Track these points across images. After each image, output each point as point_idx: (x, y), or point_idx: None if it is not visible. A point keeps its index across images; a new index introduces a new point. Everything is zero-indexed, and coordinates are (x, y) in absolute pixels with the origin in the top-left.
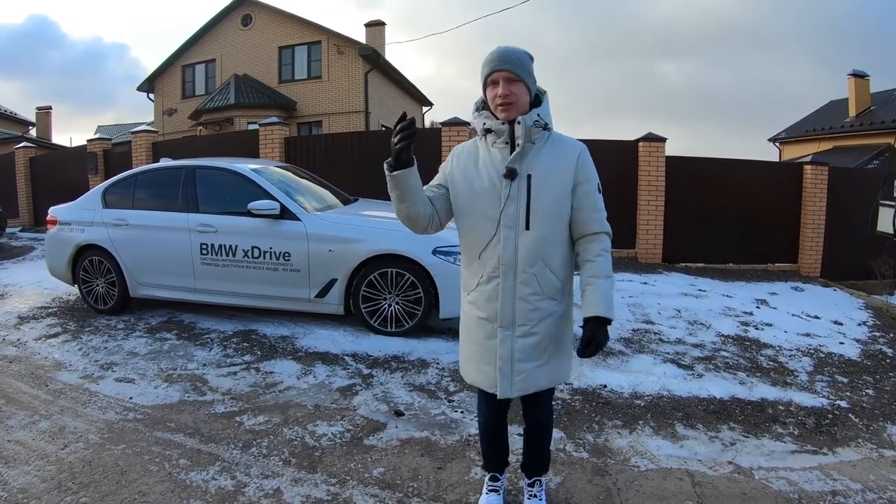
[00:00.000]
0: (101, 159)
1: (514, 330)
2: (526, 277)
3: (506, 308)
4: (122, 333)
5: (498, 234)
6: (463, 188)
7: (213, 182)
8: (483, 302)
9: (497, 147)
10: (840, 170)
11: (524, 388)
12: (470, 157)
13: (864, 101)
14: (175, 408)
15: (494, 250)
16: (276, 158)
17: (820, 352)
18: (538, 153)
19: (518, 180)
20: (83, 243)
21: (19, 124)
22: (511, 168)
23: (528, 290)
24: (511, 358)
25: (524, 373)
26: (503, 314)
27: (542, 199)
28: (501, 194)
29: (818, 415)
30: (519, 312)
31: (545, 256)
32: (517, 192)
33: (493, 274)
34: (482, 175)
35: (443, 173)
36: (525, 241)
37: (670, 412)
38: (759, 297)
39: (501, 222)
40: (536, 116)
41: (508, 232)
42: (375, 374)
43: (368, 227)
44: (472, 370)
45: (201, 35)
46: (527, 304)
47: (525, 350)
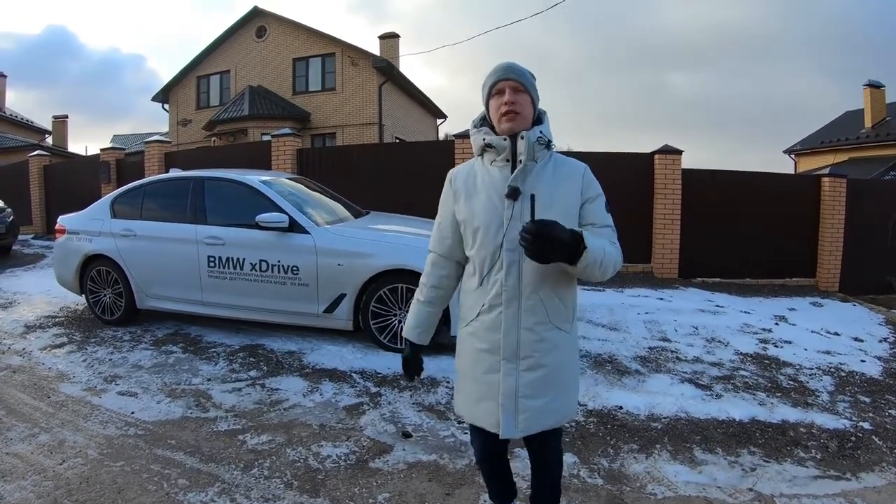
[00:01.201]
0: (113, 168)
1: (518, 363)
2: (531, 305)
3: (509, 339)
4: (128, 345)
5: (500, 258)
6: (465, 209)
7: (221, 193)
8: (484, 332)
9: (497, 165)
10: (858, 181)
11: (529, 427)
12: (469, 178)
13: (880, 111)
14: (177, 424)
15: (497, 276)
16: (288, 170)
17: (841, 370)
18: (541, 172)
19: (521, 200)
20: (91, 253)
21: (36, 132)
22: (513, 187)
23: (533, 318)
24: (515, 394)
25: (529, 410)
26: (506, 345)
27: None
28: (504, 216)
29: (841, 437)
30: (524, 343)
31: (551, 281)
32: (520, 212)
33: (495, 301)
34: (482, 196)
35: (445, 205)
36: (530, 265)
37: (688, 435)
38: (778, 312)
39: (504, 246)
40: (539, 133)
41: (512, 256)
42: (384, 393)
43: (379, 242)
44: (470, 408)
45: (216, 46)
46: (532, 334)
47: (531, 385)
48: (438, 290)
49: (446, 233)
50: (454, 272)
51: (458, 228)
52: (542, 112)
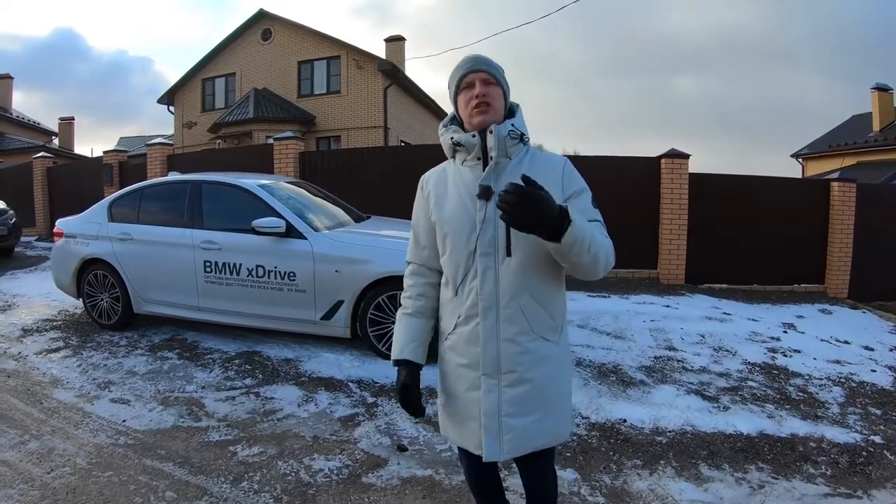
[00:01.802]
0: (116, 171)
1: (499, 378)
2: (510, 313)
3: (489, 351)
4: (124, 351)
5: (474, 264)
6: (436, 213)
7: (218, 198)
8: (463, 345)
9: (468, 165)
10: (868, 186)
11: (514, 448)
12: (440, 181)
13: (889, 114)
14: (168, 434)
15: (472, 284)
16: (291, 173)
17: (851, 381)
18: (516, 169)
19: (495, 200)
20: (88, 257)
21: (42, 134)
22: (485, 186)
23: (513, 328)
24: (498, 412)
25: (514, 430)
26: (486, 359)
27: None
28: (476, 217)
29: (852, 452)
30: (505, 356)
31: (532, 288)
32: (494, 213)
33: (471, 312)
34: (452, 198)
35: (418, 212)
36: (507, 269)
37: (694, 450)
38: (786, 320)
39: (478, 250)
40: (511, 126)
41: (487, 260)
42: (380, 403)
43: (377, 248)
44: (453, 428)
45: (221, 49)
46: (514, 345)
47: (514, 402)
48: (425, 298)
49: (422, 241)
50: (436, 280)
51: (434, 236)
52: (515, 105)
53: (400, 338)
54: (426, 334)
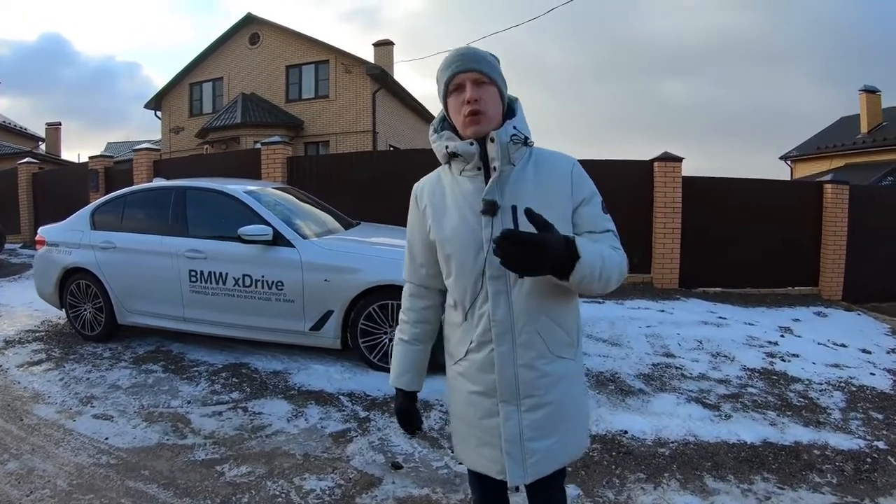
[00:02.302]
0: (102, 177)
1: (518, 404)
2: (527, 338)
3: (506, 379)
4: (107, 363)
5: (483, 287)
6: (435, 229)
7: (204, 204)
8: (476, 373)
9: (467, 175)
10: (860, 188)
11: (539, 471)
12: (435, 193)
13: (876, 116)
14: (152, 452)
15: (482, 309)
16: (278, 178)
17: (851, 385)
18: (521, 176)
19: (501, 215)
20: (70, 266)
21: (29, 140)
22: (489, 201)
23: (531, 353)
24: (520, 438)
25: (538, 453)
26: (503, 386)
27: None
28: (482, 236)
29: (856, 459)
30: (523, 382)
31: (548, 307)
32: (500, 230)
33: (483, 339)
34: (453, 214)
35: (414, 227)
36: (521, 292)
37: (698, 461)
38: (783, 324)
39: (487, 272)
40: (514, 130)
41: (497, 284)
42: (373, 418)
43: (367, 256)
44: (470, 454)
45: (209, 53)
46: (532, 371)
47: (535, 426)
48: (424, 325)
49: (420, 259)
50: (438, 301)
51: (433, 253)
52: (514, 100)
53: (396, 365)
54: (423, 362)
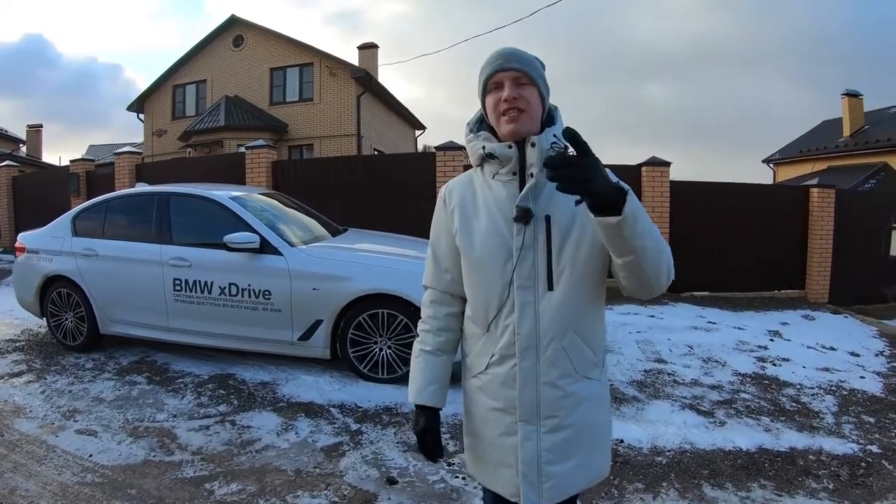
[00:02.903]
0: (83, 180)
1: (539, 424)
2: (553, 355)
3: (527, 396)
4: (90, 374)
5: (510, 297)
6: (463, 233)
7: (188, 211)
8: (496, 388)
9: (501, 180)
10: (845, 192)
11: (555, 496)
12: (465, 195)
13: (858, 120)
14: (138, 469)
15: (508, 320)
16: (263, 183)
17: (842, 388)
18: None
19: (534, 224)
20: (51, 274)
21: (10, 142)
22: (524, 208)
23: (556, 371)
24: (537, 460)
25: (555, 478)
26: (524, 404)
27: (569, 247)
28: (513, 244)
29: (851, 463)
30: (545, 401)
31: (577, 323)
32: (533, 239)
33: (506, 352)
34: (482, 219)
35: (440, 229)
36: (549, 305)
37: (695, 469)
38: (771, 327)
39: (515, 282)
40: (553, 137)
41: (525, 295)
42: (365, 431)
43: (357, 264)
44: (485, 472)
45: (192, 55)
46: (555, 389)
47: (555, 449)
48: (447, 332)
49: (445, 264)
50: (461, 308)
51: (457, 258)
52: (554, 109)
53: (418, 378)
54: (447, 373)
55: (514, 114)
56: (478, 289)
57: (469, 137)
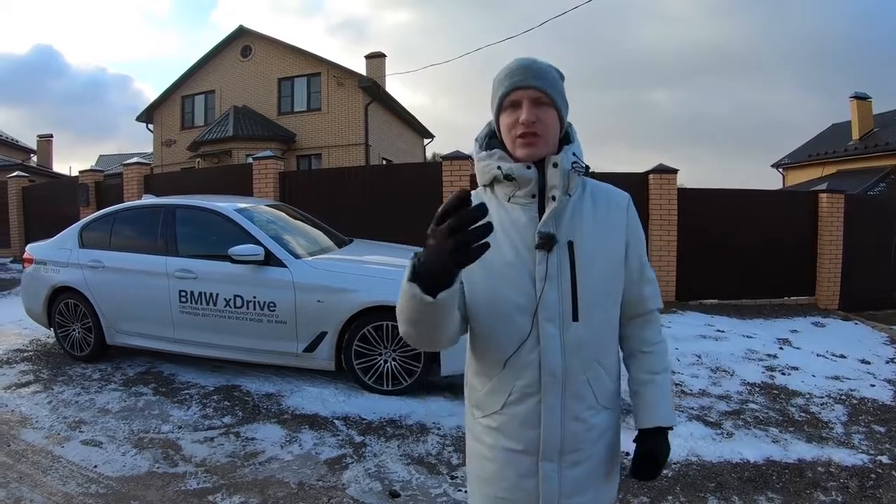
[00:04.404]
0: (92, 191)
1: (561, 461)
2: (578, 388)
3: (551, 434)
4: (97, 385)
5: (534, 331)
6: (476, 267)
7: (194, 223)
8: (516, 428)
9: (518, 203)
10: (854, 196)
11: None
12: None
13: (867, 123)
14: (142, 481)
15: (531, 356)
16: (270, 194)
17: (852, 397)
18: (577, 209)
19: (557, 251)
20: (58, 285)
21: (20, 151)
22: (547, 234)
23: (581, 404)
24: (557, 496)
25: None
26: (548, 443)
27: (594, 276)
28: (535, 272)
29: (861, 475)
30: (570, 436)
31: (601, 355)
32: (558, 268)
33: (529, 389)
34: (502, 245)
35: None
36: (574, 337)
37: (702, 482)
38: (781, 335)
39: (540, 314)
40: (573, 157)
41: (550, 327)
42: (368, 443)
43: (362, 276)
44: None
45: (201, 66)
46: (580, 423)
47: (574, 483)
48: None
49: None
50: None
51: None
52: (569, 126)
53: None
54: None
55: (531, 138)
56: (495, 322)
57: (481, 155)
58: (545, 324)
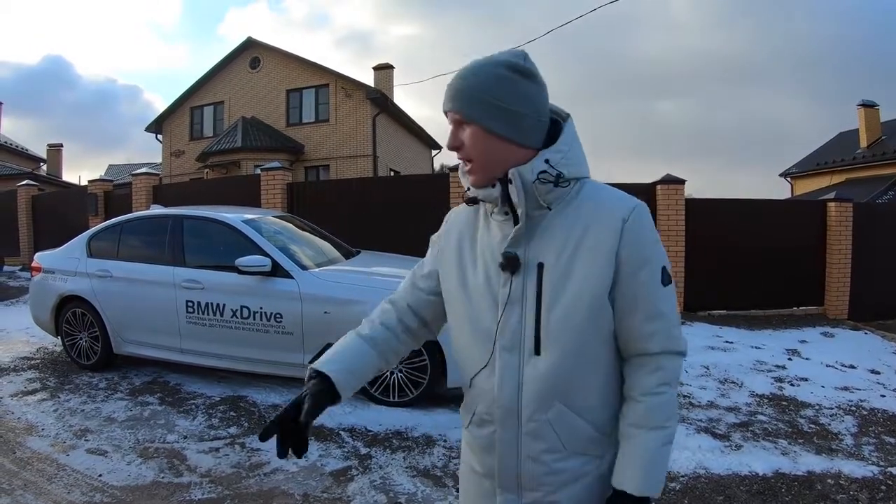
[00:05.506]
0: (101, 201)
1: (520, 495)
2: (536, 427)
3: (506, 467)
4: (103, 394)
5: (492, 358)
6: (453, 281)
7: (201, 233)
8: (479, 451)
9: (496, 220)
10: (864, 205)
11: None
12: (466, 232)
13: (875, 131)
14: (147, 491)
15: (487, 383)
16: (278, 205)
17: (862, 408)
18: (555, 225)
19: (523, 273)
20: (66, 294)
21: (30, 160)
22: (510, 255)
23: (539, 445)
24: None
25: None
26: (503, 473)
27: (564, 304)
28: (499, 296)
29: (871, 487)
30: (527, 474)
31: (568, 394)
32: (522, 292)
33: (486, 416)
34: (477, 265)
35: (431, 254)
36: (534, 371)
37: (710, 496)
38: (790, 346)
39: (498, 342)
40: (544, 165)
41: (508, 358)
42: (374, 455)
43: (368, 287)
44: None
45: (210, 77)
46: (539, 465)
47: None
48: (389, 332)
49: (423, 284)
50: (419, 331)
51: (438, 293)
52: (564, 118)
53: (332, 350)
54: (364, 366)
55: (465, 166)
56: (462, 342)
57: (460, 173)
58: (503, 353)
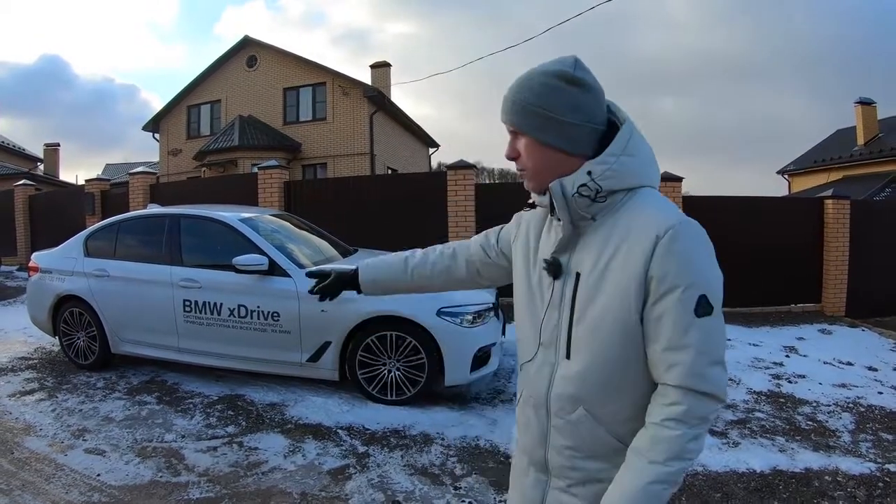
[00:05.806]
0: (98, 200)
1: (549, 477)
2: (561, 424)
3: (535, 448)
4: (101, 393)
5: (537, 352)
6: (520, 273)
7: (198, 232)
8: (521, 428)
9: (555, 224)
10: (861, 202)
11: None
12: (536, 230)
13: (873, 128)
14: (145, 490)
15: (532, 370)
16: (275, 203)
17: (859, 405)
18: (594, 236)
19: (564, 280)
20: (63, 293)
21: (27, 160)
22: (553, 261)
23: (562, 440)
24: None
25: None
26: (535, 455)
27: (590, 317)
28: (544, 297)
29: (868, 484)
30: (553, 461)
31: (591, 402)
32: (560, 298)
33: (528, 400)
34: (537, 262)
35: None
36: (564, 373)
37: (707, 493)
38: (787, 343)
39: (542, 336)
40: (586, 178)
41: (546, 354)
42: (372, 453)
43: None
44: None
45: (207, 76)
46: (562, 457)
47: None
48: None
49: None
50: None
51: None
52: (621, 122)
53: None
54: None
55: (522, 173)
56: (521, 329)
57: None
58: (542, 350)
